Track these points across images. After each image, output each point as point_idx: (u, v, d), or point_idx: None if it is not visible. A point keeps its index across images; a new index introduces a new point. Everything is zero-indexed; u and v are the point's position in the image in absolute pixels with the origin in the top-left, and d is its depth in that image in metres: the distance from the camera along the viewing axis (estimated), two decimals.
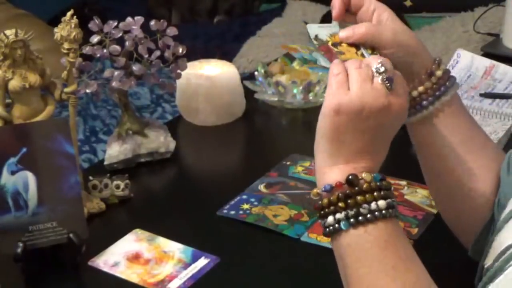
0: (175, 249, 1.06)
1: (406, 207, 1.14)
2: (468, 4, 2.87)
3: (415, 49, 0.86)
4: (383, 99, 0.73)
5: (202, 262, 1.03)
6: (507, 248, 0.73)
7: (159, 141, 1.30)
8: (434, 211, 1.11)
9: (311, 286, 0.98)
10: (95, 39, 1.16)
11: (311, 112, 1.47)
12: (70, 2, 2.66)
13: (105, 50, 1.17)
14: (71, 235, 1.01)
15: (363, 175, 0.73)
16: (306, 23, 0.89)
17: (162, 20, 1.22)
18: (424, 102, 0.87)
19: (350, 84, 0.73)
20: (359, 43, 0.84)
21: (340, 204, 0.73)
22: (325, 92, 0.75)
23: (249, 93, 1.54)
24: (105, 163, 1.27)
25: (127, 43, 1.19)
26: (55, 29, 1.09)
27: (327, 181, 0.74)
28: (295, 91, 1.50)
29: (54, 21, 1.56)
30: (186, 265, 1.03)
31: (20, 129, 1.02)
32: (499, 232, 0.79)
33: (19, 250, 0.98)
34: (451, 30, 2.75)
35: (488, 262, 0.79)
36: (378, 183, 0.74)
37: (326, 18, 2.75)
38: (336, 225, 0.73)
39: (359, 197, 0.73)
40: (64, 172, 1.01)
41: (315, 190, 0.76)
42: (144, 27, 1.20)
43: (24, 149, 0.99)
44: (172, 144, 1.32)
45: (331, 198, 0.74)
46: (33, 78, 1.08)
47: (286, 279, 1.01)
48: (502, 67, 1.60)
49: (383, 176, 0.75)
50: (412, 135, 0.91)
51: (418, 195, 1.17)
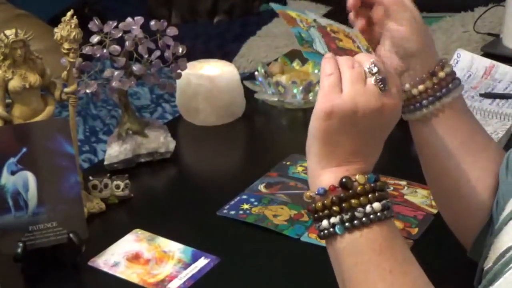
0: (175, 249, 1.06)
1: (406, 207, 1.14)
2: (468, 4, 2.87)
3: (425, 44, 0.85)
4: (376, 101, 0.71)
5: (202, 262, 1.03)
6: (506, 251, 0.73)
7: (159, 141, 1.30)
8: (434, 211, 1.11)
9: (311, 286, 0.98)
10: (95, 39, 1.16)
11: (311, 112, 1.46)
12: (70, 2, 2.66)
13: (105, 50, 1.17)
14: (71, 235, 1.01)
15: (357, 177, 0.72)
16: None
17: (162, 20, 1.22)
18: (424, 101, 0.86)
19: (343, 85, 0.72)
20: (356, 36, 0.82)
21: (335, 208, 0.72)
22: (318, 93, 0.74)
23: (249, 93, 1.54)
24: (105, 163, 1.27)
25: (127, 43, 1.19)
26: (55, 29, 1.09)
27: (321, 184, 0.73)
28: (295, 91, 1.50)
29: (54, 21, 1.55)
30: (186, 265, 1.02)
31: (20, 129, 1.02)
32: (498, 234, 0.79)
33: (19, 250, 0.98)
34: (451, 30, 2.75)
35: (488, 265, 0.79)
36: (373, 184, 0.72)
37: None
38: (331, 229, 0.72)
39: (354, 201, 0.71)
40: (64, 172, 1.01)
41: (308, 193, 0.74)
42: (144, 27, 1.20)
43: (24, 149, 0.99)
44: (172, 144, 1.32)
45: (325, 202, 0.72)
46: (33, 78, 1.08)
47: (286, 279, 1.00)
48: (502, 67, 1.60)
49: (378, 177, 0.73)
50: (413, 134, 0.90)
51: (418, 195, 1.17)
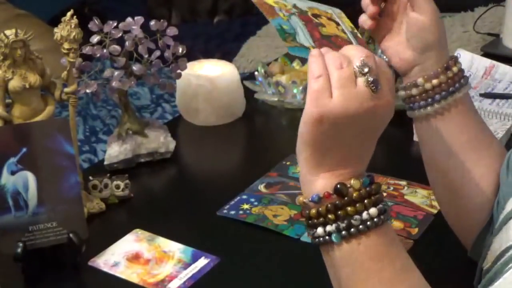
0: (175, 249, 1.06)
1: (406, 207, 1.14)
2: (468, 4, 2.87)
3: (441, 36, 0.85)
4: (368, 103, 0.67)
5: (202, 262, 1.03)
6: (506, 250, 0.73)
7: (159, 141, 1.30)
8: (434, 211, 1.11)
9: (311, 286, 0.98)
10: (95, 39, 1.16)
11: None
12: (70, 2, 2.66)
13: (105, 50, 1.17)
14: (71, 235, 1.01)
15: (352, 182, 0.69)
16: None
17: (162, 20, 1.22)
18: (437, 96, 0.86)
19: (333, 89, 0.67)
20: (340, 19, 0.78)
21: (330, 216, 0.69)
22: (306, 97, 0.69)
23: (249, 93, 1.54)
24: (105, 163, 1.27)
25: (127, 43, 1.18)
26: (55, 29, 1.09)
27: (314, 191, 0.70)
28: (295, 91, 1.50)
29: (54, 21, 1.55)
30: (186, 265, 1.02)
31: (20, 129, 1.02)
32: (498, 234, 0.79)
33: (19, 250, 0.98)
34: (451, 30, 2.74)
35: (487, 264, 0.79)
36: (368, 188, 0.69)
37: None
38: (327, 237, 0.70)
39: (350, 208, 0.68)
40: (64, 172, 1.01)
41: (301, 199, 0.71)
42: (144, 27, 1.20)
43: (24, 149, 0.99)
44: (172, 144, 1.32)
45: (320, 209, 0.69)
46: (33, 78, 1.08)
47: (286, 279, 1.00)
48: (502, 67, 1.60)
49: (372, 179, 0.71)
50: (419, 130, 0.90)
51: (418, 195, 1.17)
